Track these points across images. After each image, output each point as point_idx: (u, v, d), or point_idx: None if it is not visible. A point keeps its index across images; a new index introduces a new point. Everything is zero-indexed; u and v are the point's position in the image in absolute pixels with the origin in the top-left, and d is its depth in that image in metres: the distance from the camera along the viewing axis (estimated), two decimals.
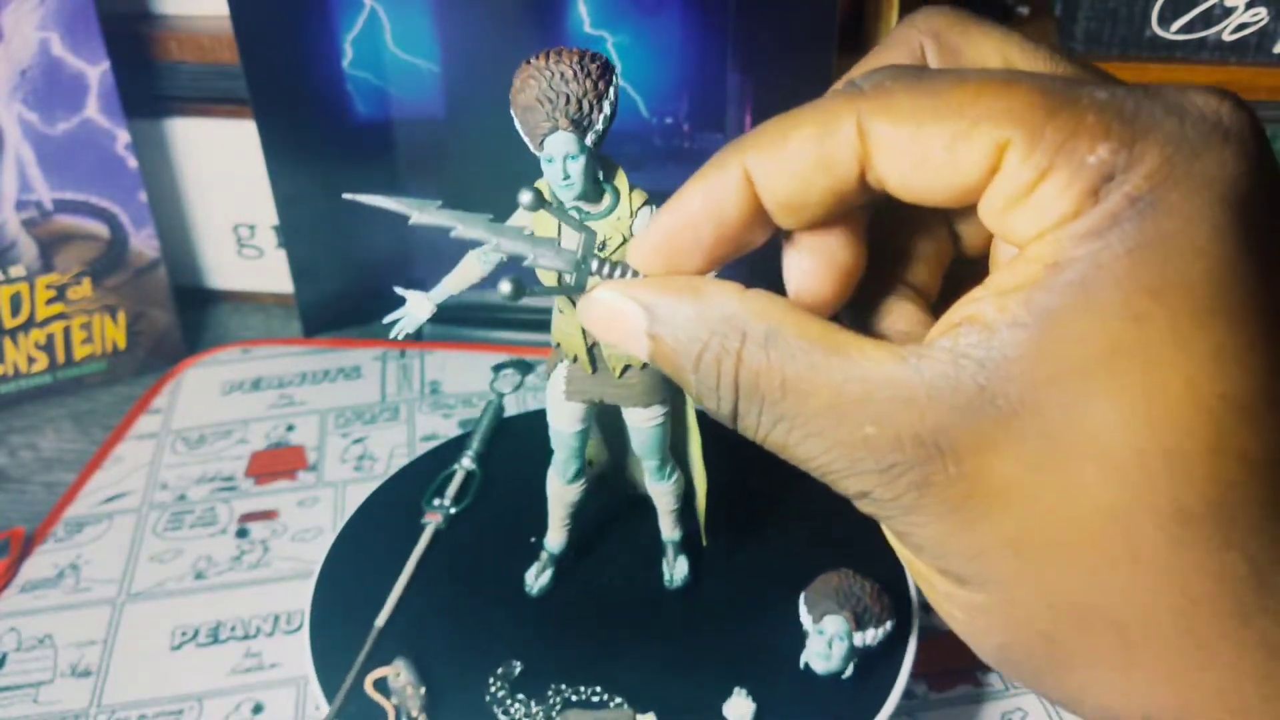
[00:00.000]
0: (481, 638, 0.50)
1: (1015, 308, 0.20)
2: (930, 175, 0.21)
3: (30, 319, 0.76)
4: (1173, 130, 0.19)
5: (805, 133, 0.22)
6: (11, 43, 0.71)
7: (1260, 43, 0.70)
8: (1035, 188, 0.20)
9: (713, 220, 0.23)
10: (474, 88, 0.77)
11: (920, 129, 0.21)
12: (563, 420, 0.48)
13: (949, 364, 0.20)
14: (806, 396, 0.22)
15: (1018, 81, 0.20)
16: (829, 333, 0.22)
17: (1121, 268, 0.19)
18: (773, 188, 0.22)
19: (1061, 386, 0.19)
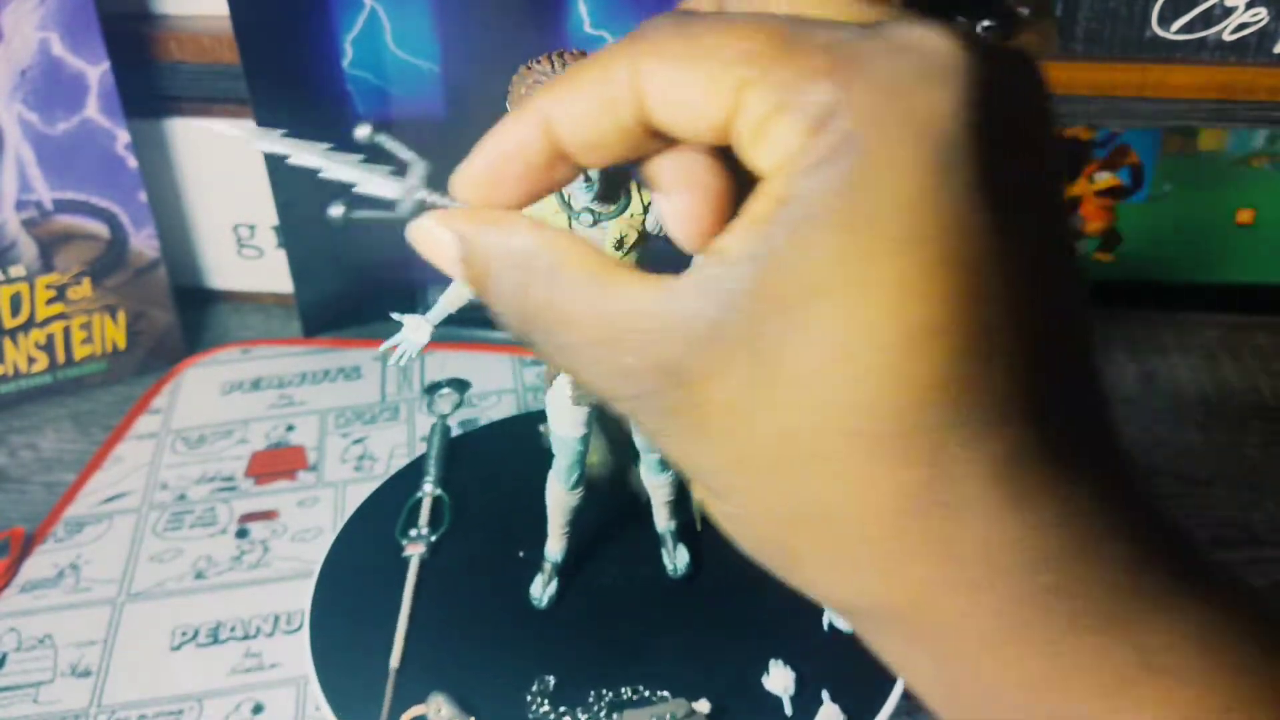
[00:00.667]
0: (504, 659, 0.49)
1: (750, 242, 0.21)
2: (691, 115, 0.22)
3: (30, 319, 0.76)
4: (887, 69, 0.20)
5: (589, 76, 0.23)
6: (11, 43, 0.71)
7: (1260, 43, 0.70)
8: (768, 123, 0.21)
9: (519, 159, 0.25)
10: (474, 88, 0.77)
11: (680, 72, 0.22)
12: (566, 426, 0.48)
13: (693, 296, 0.22)
14: (581, 328, 0.24)
15: (762, 24, 0.22)
16: (606, 269, 0.24)
17: (830, 205, 0.20)
18: (566, 128, 0.24)
19: (775, 319, 0.21)
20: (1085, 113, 0.75)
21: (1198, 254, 0.89)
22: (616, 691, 0.48)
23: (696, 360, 0.22)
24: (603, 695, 0.48)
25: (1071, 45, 0.73)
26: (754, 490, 0.23)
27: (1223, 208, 0.87)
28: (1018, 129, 0.21)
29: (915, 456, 0.21)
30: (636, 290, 0.23)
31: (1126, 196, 0.87)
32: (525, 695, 0.47)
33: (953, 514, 0.21)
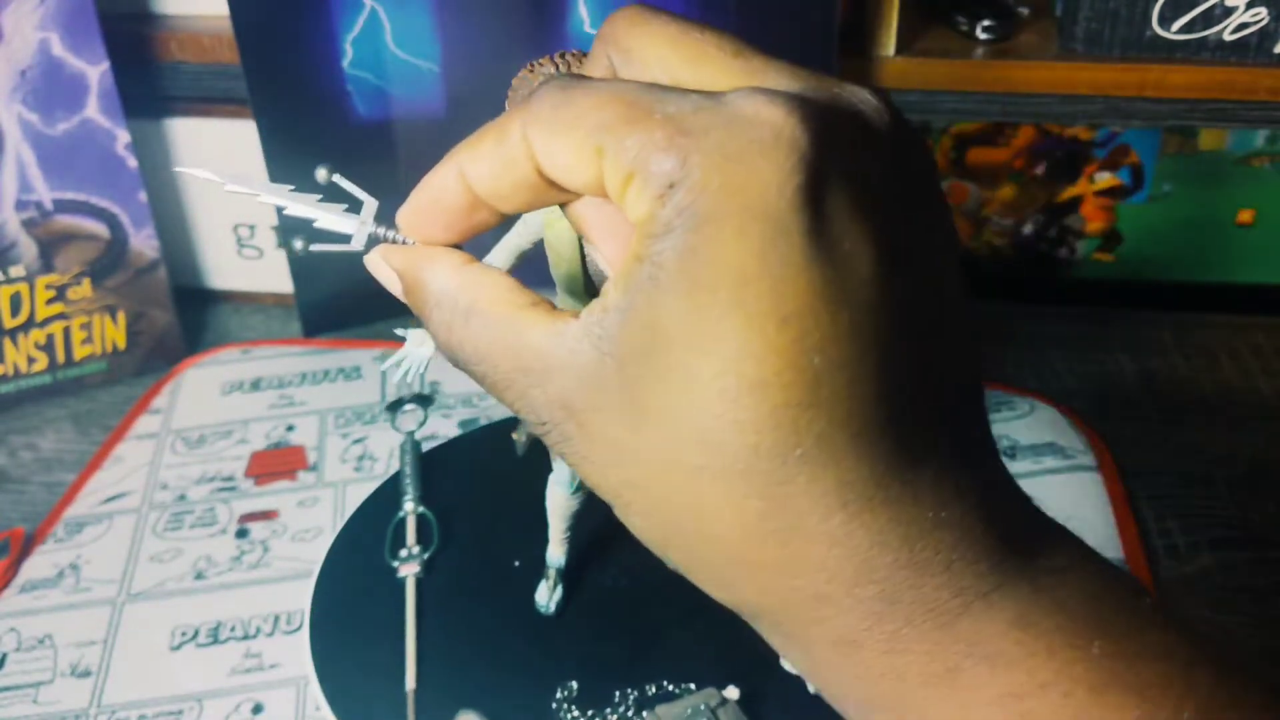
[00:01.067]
0: (522, 670, 0.49)
1: (619, 294, 0.24)
2: (569, 174, 0.25)
3: (30, 319, 0.76)
4: (720, 141, 0.22)
5: (491, 138, 0.26)
6: (11, 43, 0.71)
7: (1260, 43, 0.70)
8: (624, 189, 0.24)
9: (442, 206, 0.28)
10: (474, 88, 0.77)
11: (554, 138, 0.25)
12: None
13: (577, 339, 0.25)
14: (495, 363, 0.27)
15: (616, 95, 0.24)
16: (514, 308, 0.26)
17: (672, 269, 0.23)
18: (477, 182, 0.27)
19: (639, 366, 0.24)
20: (1085, 112, 0.75)
21: (1198, 254, 0.89)
22: (641, 689, 0.48)
23: (583, 397, 0.25)
24: (628, 694, 0.48)
25: (1071, 45, 0.73)
26: (639, 509, 0.26)
27: (1223, 208, 0.87)
28: (854, 182, 0.23)
29: (753, 490, 0.24)
30: (537, 329, 0.26)
31: (1127, 196, 0.87)
32: (551, 703, 0.47)
33: (790, 538, 0.24)
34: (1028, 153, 0.86)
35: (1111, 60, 0.72)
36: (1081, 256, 0.90)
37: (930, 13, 0.79)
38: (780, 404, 0.23)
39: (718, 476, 0.24)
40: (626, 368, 0.24)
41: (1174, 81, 0.72)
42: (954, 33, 0.77)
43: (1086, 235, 0.89)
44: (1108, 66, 0.72)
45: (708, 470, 0.24)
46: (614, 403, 0.25)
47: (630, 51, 0.27)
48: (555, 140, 0.25)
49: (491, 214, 0.28)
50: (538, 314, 0.26)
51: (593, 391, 0.25)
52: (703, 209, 0.22)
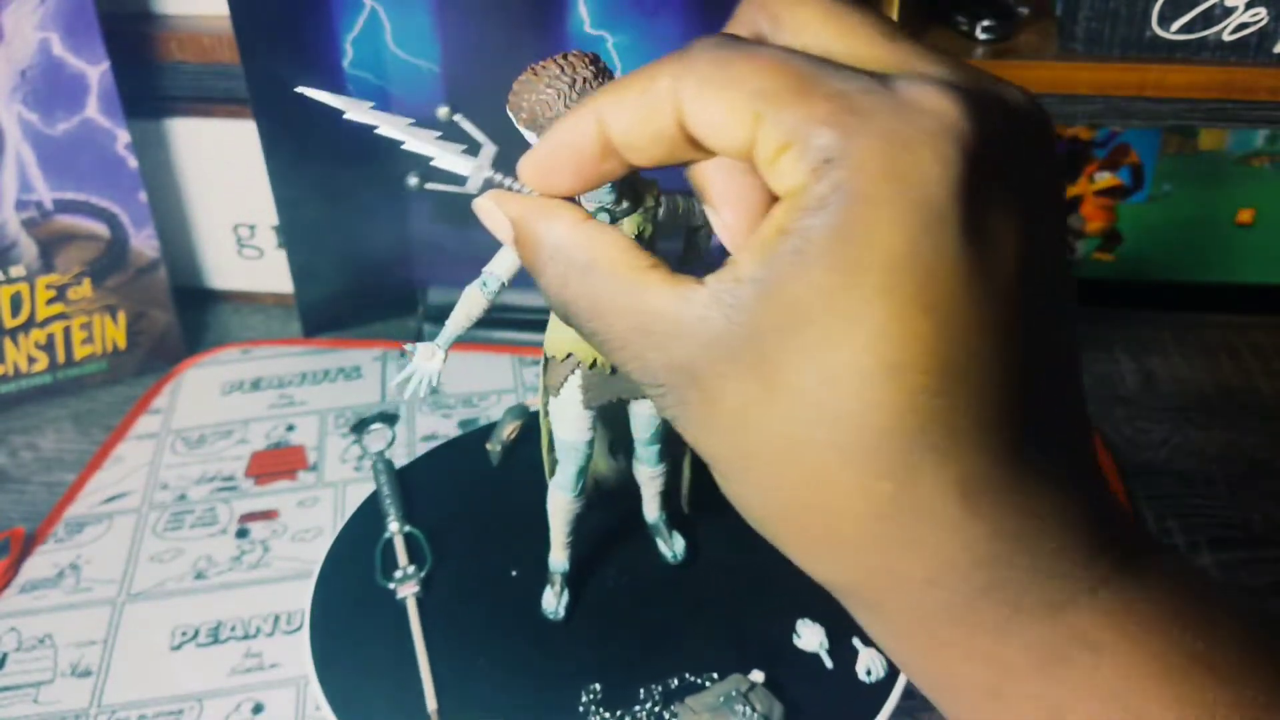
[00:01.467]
0: (541, 678, 0.49)
1: (755, 265, 0.24)
2: (717, 133, 0.25)
3: (30, 319, 0.76)
4: (888, 126, 0.23)
5: (638, 84, 0.26)
6: (12, 43, 0.71)
7: (1260, 43, 0.70)
8: (778, 157, 0.23)
9: (574, 149, 0.28)
10: (474, 88, 0.77)
11: (710, 94, 0.24)
12: (574, 431, 0.48)
13: (706, 305, 0.25)
14: (610, 321, 0.27)
15: (783, 63, 0.24)
16: (636, 269, 0.26)
17: (822, 246, 0.23)
18: (614, 129, 0.27)
19: (774, 339, 0.24)
20: (1085, 113, 0.75)
21: (1197, 254, 0.89)
22: (664, 684, 0.48)
23: (708, 364, 0.25)
24: (653, 690, 0.48)
25: (1071, 45, 0.73)
26: (753, 479, 0.26)
27: (1222, 207, 0.87)
28: (1007, 180, 0.24)
29: (885, 471, 0.24)
30: (660, 291, 0.26)
31: (1126, 196, 0.87)
32: (577, 706, 0.47)
33: (913, 521, 0.24)
34: None
35: (1111, 60, 0.72)
36: (1081, 256, 0.90)
37: (930, 13, 0.79)
38: (917, 389, 0.23)
39: (848, 455, 0.24)
40: (759, 338, 0.24)
41: (1174, 81, 0.72)
42: (954, 33, 0.77)
43: (1086, 235, 0.89)
44: (1107, 66, 0.72)
45: (838, 447, 0.24)
46: (742, 372, 0.25)
47: (781, 19, 0.27)
48: (709, 96, 0.24)
49: (620, 164, 0.28)
50: (659, 276, 0.26)
51: (720, 359, 0.25)
52: (860, 189, 0.22)
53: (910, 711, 0.54)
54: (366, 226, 0.83)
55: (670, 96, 0.25)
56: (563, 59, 0.40)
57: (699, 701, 0.46)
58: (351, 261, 0.84)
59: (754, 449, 0.25)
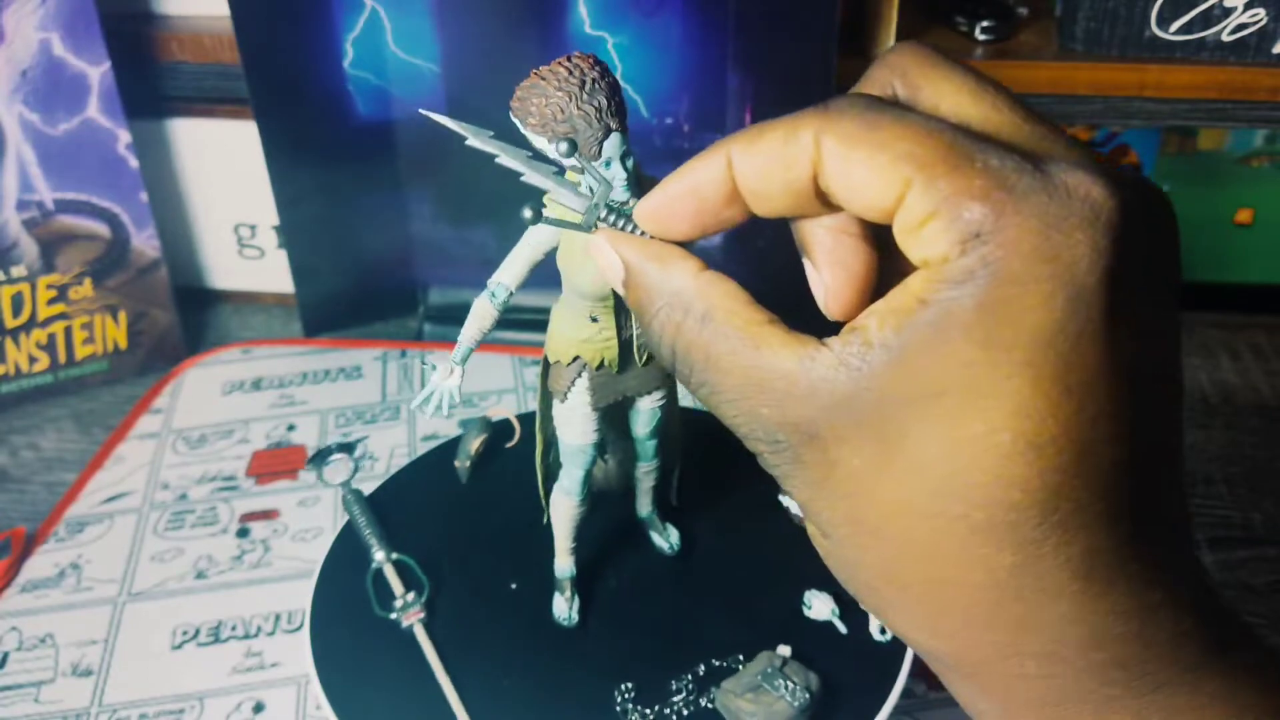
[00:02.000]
0: (569, 685, 0.48)
1: (887, 331, 0.24)
2: (857, 192, 0.25)
3: (32, 319, 0.77)
4: (1042, 208, 0.23)
5: (775, 134, 0.26)
6: (13, 43, 0.71)
7: (1259, 43, 0.70)
8: (924, 225, 0.24)
9: (699, 194, 0.28)
10: (474, 88, 0.77)
11: (854, 152, 0.25)
12: (582, 434, 0.47)
13: (831, 368, 0.25)
14: (724, 373, 0.27)
15: (935, 133, 0.24)
16: (753, 324, 0.27)
17: (965, 319, 0.23)
18: (745, 175, 0.27)
19: (905, 404, 0.24)
20: (1085, 112, 0.75)
21: (1197, 254, 0.89)
22: (693, 672, 0.48)
23: (830, 425, 0.25)
24: (684, 681, 0.48)
25: (1071, 45, 0.73)
26: (860, 543, 0.26)
27: (1222, 207, 0.87)
28: (1146, 271, 0.24)
29: (1009, 544, 0.24)
30: (779, 349, 0.26)
31: None
32: (614, 707, 0.47)
33: (1032, 595, 0.25)
34: None
35: (1111, 60, 0.72)
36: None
37: (930, 13, 0.79)
38: (1050, 467, 0.23)
39: (974, 527, 0.24)
40: (887, 404, 0.24)
41: (1173, 81, 0.72)
42: (954, 33, 0.77)
43: None
44: (1107, 66, 0.73)
45: (964, 519, 0.24)
46: (866, 436, 0.25)
47: (920, 87, 0.27)
48: (856, 155, 0.25)
49: (742, 213, 0.28)
50: (779, 332, 0.26)
51: (844, 422, 0.25)
52: (1011, 267, 0.23)
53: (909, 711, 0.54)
54: (367, 226, 0.83)
55: (811, 150, 0.25)
56: (568, 61, 0.40)
57: (737, 683, 0.47)
58: (352, 261, 0.85)
59: (870, 514, 0.26)
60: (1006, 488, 0.24)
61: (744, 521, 0.55)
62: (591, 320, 0.44)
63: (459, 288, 0.85)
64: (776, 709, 0.45)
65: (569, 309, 0.45)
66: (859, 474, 0.25)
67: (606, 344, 0.45)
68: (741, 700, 0.46)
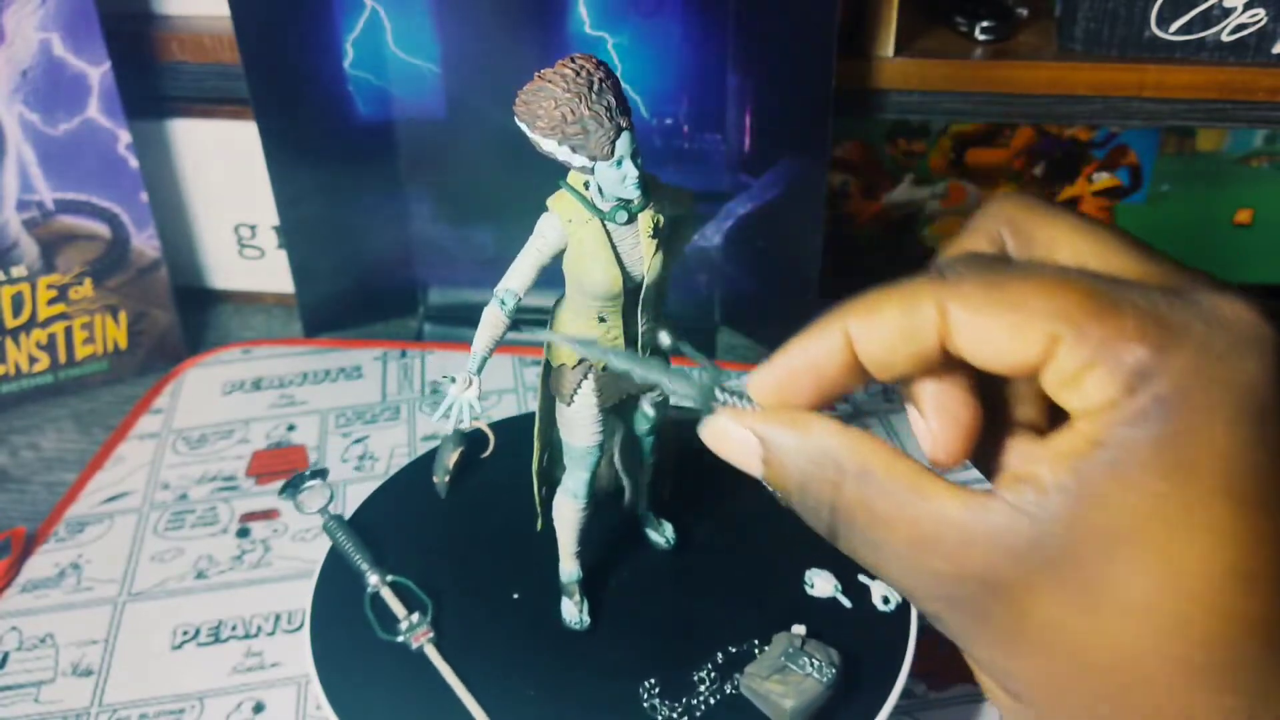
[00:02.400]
0: (595, 688, 0.48)
1: (1064, 475, 0.24)
2: (997, 354, 0.25)
3: (32, 319, 0.77)
4: (1201, 336, 0.23)
5: (893, 307, 0.26)
6: (13, 44, 0.71)
7: (1259, 43, 0.70)
8: (1081, 377, 0.24)
9: (818, 370, 0.28)
10: (474, 88, 0.77)
11: (987, 318, 0.25)
12: (588, 436, 0.47)
13: (1008, 515, 0.24)
14: (891, 528, 0.26)
15: (1071, 283, 0.24)
16: (912, 475, 0.26)
17: (1147, 454, 0.23)
18: (867, 349, 0.27)
19: (1096, 546, 0.23)
20: (1084, 113, 0.75)
21: (1196, 254, 0.89)
22: (712, 661, 0.48)
23: (1018, 574, 0.24)
24: (705, 671, 0.48)
25: (1071, 45, 0.73)
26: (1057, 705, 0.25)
27: (1221, 208, 0.87)
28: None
29: (1233, 684, 0.23)
30: (948, 500, 0.25)
31: (1125, 197, 0.87)
32: (641, 705, 0.47)
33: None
34: (1026, 153, 0.86)
35: (1110, 61, 0.73)
36: None
37: (929, 13, 0.79)
38: (1269, 595, 0.23)
39: (1193, 668, 0.23)
40: (1078, 548, 0.24)
41: (1172, 82, 0.72)
42: (953, 33, 0.78)
43: None
44: (1106, 67, 0.73)
45: (1180, 660, 0.23)
46: (1060, 583, 0.24)
47: (1033, 236, 0.28)
48: (988, 321, 0.25)
49: (860, 380, 0.28)
50: (942, 484, 0.26)
51: (1033, 570, 0.24)
52: (1186, 399, 0.23)
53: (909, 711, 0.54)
54: (367, 226, 0.83)
55: (935, 320, 0.25)
56: (572, 62, 0.40)
57: (760, 667, 0.47)
58: (352, 261, 0.85)
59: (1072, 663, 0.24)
60: (1226, 623, 0.23)
61: (736, 511, 0.55)
62: (600, 320, 0.44)
63: (459, 288, 0.85)
64: (805, 687, 0.46)
65: (574, 311, 0.45)
66: (1057, 624, 0.24)
67: (615, 343, 0.45)
68: (769, 683, 0.46)
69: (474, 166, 0.79)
